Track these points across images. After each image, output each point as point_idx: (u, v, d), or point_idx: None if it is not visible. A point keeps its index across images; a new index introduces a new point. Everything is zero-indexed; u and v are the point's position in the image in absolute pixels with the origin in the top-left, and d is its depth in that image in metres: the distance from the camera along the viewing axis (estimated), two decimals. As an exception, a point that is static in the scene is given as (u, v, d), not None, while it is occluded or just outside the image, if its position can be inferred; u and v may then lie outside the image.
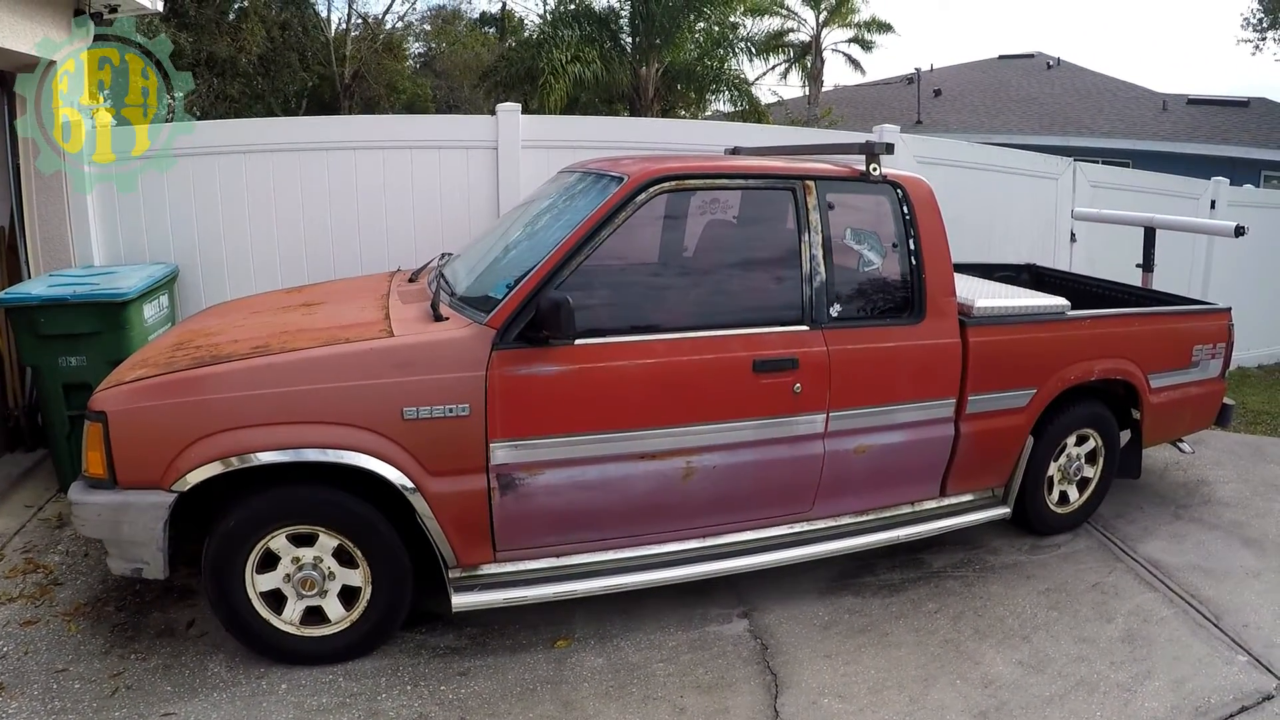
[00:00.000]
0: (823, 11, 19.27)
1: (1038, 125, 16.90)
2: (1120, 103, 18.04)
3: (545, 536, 3.15)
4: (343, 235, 5.37)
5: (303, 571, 2.96)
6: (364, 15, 24.58)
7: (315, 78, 21.65)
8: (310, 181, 5.29)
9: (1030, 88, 19.81)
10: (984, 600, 3.71)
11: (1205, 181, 8.04)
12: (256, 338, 3.13)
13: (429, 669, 3.06)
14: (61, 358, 4.26)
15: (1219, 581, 3.94)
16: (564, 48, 14.70)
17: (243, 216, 5.24)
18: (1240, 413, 6.91)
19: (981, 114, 18.46)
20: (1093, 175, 7.46)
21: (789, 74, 20.66)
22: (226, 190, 5.20)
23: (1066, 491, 4.32)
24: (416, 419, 2.87)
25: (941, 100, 19.77)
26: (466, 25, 27.25)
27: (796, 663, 3.23)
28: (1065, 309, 4.01)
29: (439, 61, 26.43)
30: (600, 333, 3.08)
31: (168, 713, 2.75)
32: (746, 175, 3.44)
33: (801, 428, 3.39)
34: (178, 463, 2.74)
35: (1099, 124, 16.71)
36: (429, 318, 3.14)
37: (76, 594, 3.47)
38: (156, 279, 4.72)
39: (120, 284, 4.37)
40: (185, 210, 5.16)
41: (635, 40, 16.28)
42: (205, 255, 5.23)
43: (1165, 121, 16.76)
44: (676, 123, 7.38)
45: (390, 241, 5.36)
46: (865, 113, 19.37)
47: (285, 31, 19.95)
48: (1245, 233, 5.10)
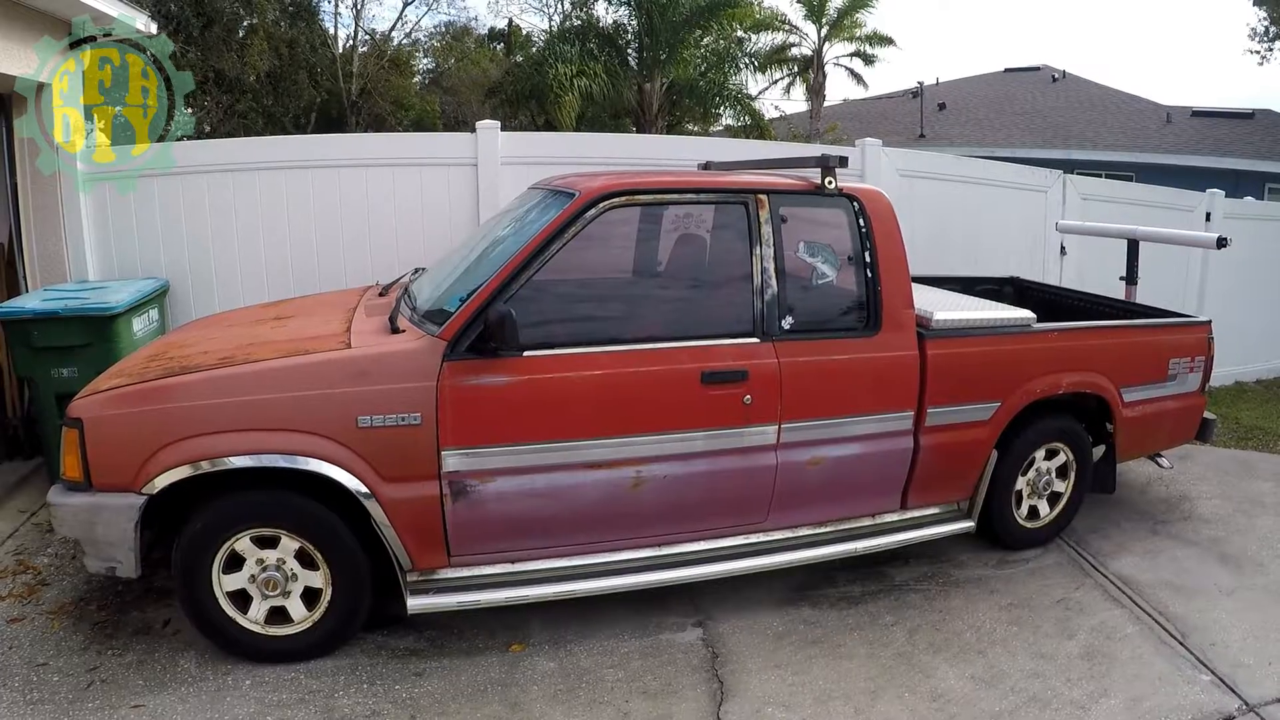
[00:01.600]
0: (824, 25, 19.29)
1: (1041, 139, 16.83)
2: (1124, 115, 17.96)
3: (498, 542, 3.23)
4: (328, 251, 5.50)
5: (266, 572, 3.07)
6: (371, 32, 24.85)
7: (323, 94, 21.88)
8: (296, 199, 5.42)
9: (1035, 101, 19.76)
10: (943, 614, 3.67)
11: (1200, 194, 7.96)
12: (224, 349, 3.26)
13: (386, 669, 3.17)
14: (54, 369, 4.44)
15: (1189, 599, 3.88)
16: (568, 63, 14.80)
17: (231, 233, 5.38)
18: (1233, 428, 6.84)
19: (985, 127, 18.41)
20: (1083, 188, 7.41)
21: (791, 89, 20.77)
22: (215, 208, 5.34)
23: (1036, 506, 4.27)
24: (370, 427, 2.96)
25: (945, 114, 19.75)
26: (475, 41, 27.43)
27: (745, 672, 3.23)
28: (1030, 321, 3.98)
29: (447, 78, 26.64)
30: (549, 345, 3.16)
31: (137, 704, 2.89)
32: (698, 190, 3.47)
33: (752, 439, 3.39)
34: (147, 467, 2.87)
35: (1102, 137, 16.63)
36: (387, 330, 3.26)
37: (62, 594, 3.63)
38: (145, 293, 4.89)
39: (109, 298, 4.54)
40: (176, 227, 5.32)
41: (640, 56, 16.38)
42: (195, 270, 5.38)
43: (1169, 134, 16.66)
44: (654, 138, 7.44)
45: (374, 257, 5.44)
46: (868, 127, 19.35)
47: (293, 49, 20.15)
48: (1227, 244, 5.04)
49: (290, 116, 20.51)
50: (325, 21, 22.36)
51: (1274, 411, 7.49)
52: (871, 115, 21.03)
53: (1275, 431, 6.76)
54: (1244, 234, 7.98)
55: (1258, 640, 3.55)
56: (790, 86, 20.81)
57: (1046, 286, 5.86)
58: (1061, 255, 7.32)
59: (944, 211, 6.75)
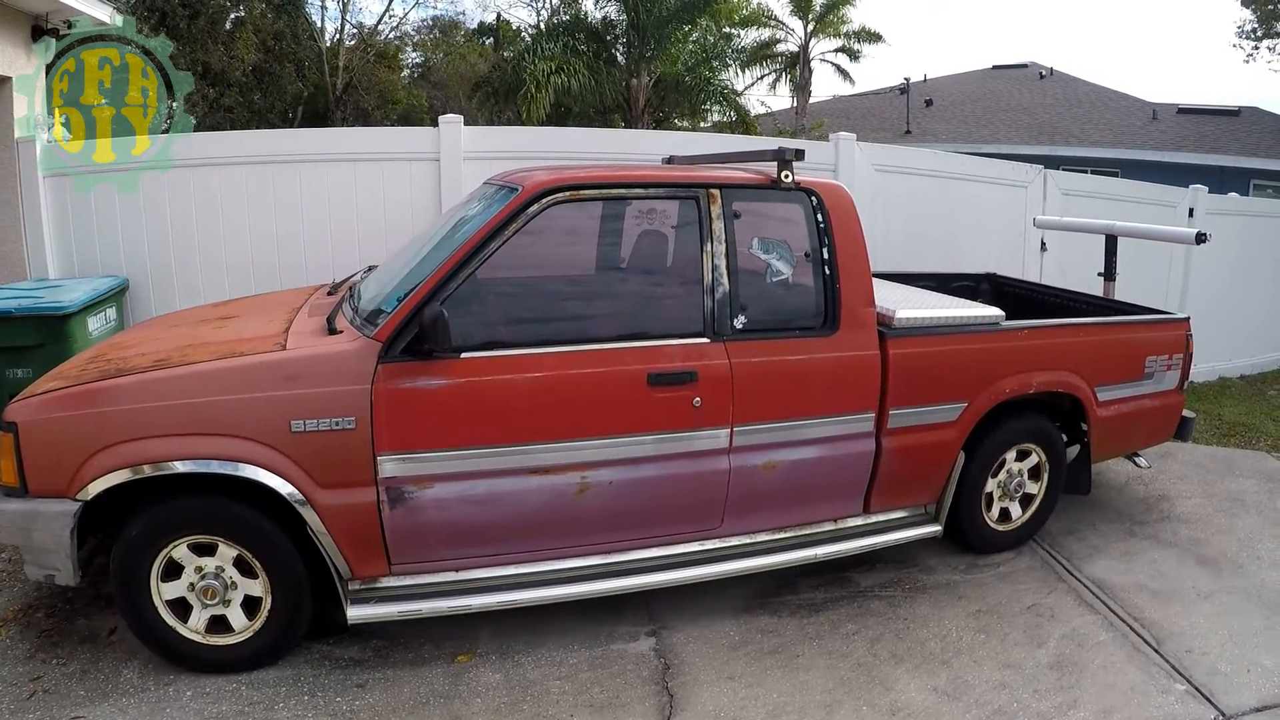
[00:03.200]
0: (811, 21, 19.15)
1: (1027, 135, 16.72)
2: (1110, 112, 17.87)
3: (440, 550, 3.13)
4: (289, 248, 5.40)
5: (205, 580, 2.99)
6: (358, 25, 24.65)
7: (310, 88, 21.68)
8: (256, 195, 5.34)
9: (1022, 98, 19.67)
10: (908, 622, 3.54)
11: (1183, 189, 7.85)
12: (161, 351, 3.17)
13: (329, 680, 3.08)
14: (8, 369, 4.35)
15: (1166, 603, 3.75)
16: (548, 60, 14.66)
17: (191, 230, 5.30)
18: (1216, 424, 6.73)
19: (971, 124, 18.31)
20: (1064, 183, 7.29)
21: (777, 85, 20.59)
22: (175, 204, 5.26)
23: (1008, 508, 4.15)
24: (304, 431, 2.87)
25: (932, 110, 19.64)
26: (464, 35, 27.26)
27: (697, 684, 3.11)
28: (999, 319, 3.85)
29: (435, 72, 26.46)
30: (488, 346, 3.06)
31: (77, 716, 2.83)
32: (646, 184, 3.34)
33: (703, 443, 3.27)
34: (82, 472, 2.79)
35: (1088, 134, 16.53)
36: (324, 331, 3.16)
37: (11, 600, 3.55)
38: (101, 292, 4.80)
39: (63, 298, 4.46)
40: (135, 224, 5.24)
41: (628, 51, 16.25)
42: (155, 268, 5.29)
43: (1155, 131, 16.57)
44: (620, 133, 7.33)
45: (335, 254, 5.33)
46: (855, 123, 19.23)
47: (279, 42, 19.97)
48: (1206, 239, 4.92)
49: (277, 111, 20.33)
50: (312, 14, 22.19)
51: (1257, 408, 7.39)
52: (858, 112, 20.91)
53: (1258, 428, 6.65)
54: (1228, 230, 7.92)
55: (1236, 646, 3.43)
56: (776, 83, 20.67)
57: (1024, 283, 5.74)
58: (1042, 251, 7.20)
59: (921, 207, 6.63)
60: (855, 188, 6.21)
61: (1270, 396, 7.90)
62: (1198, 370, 8.12)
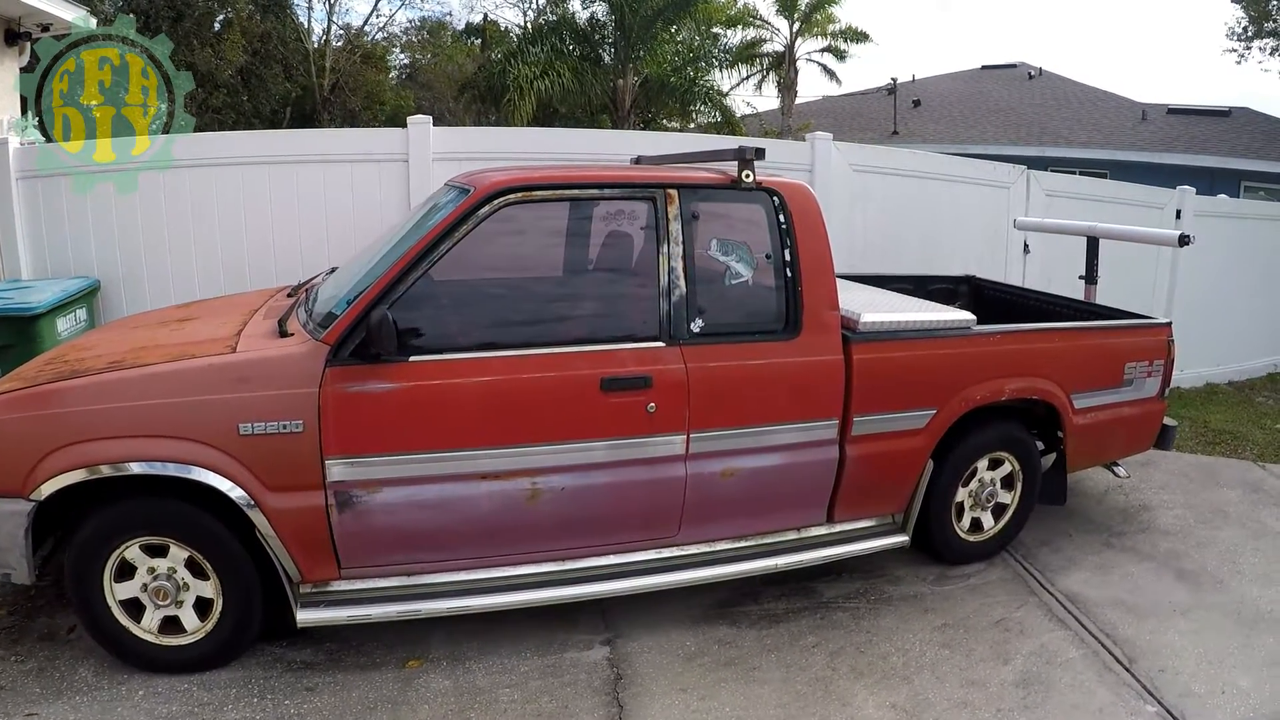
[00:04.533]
0: (796, 21, 19.03)
1: (1015, 135, 16.64)
2: (1099, 113, 17.79)
3: (389, 554, 3.09)
4: (259, 249, 5.37)
5: (157, 581, 2.99)
6: (345, 26, 24.49)
7: (298, 89, 21.53)
8: (225, 197, 5.31)
9: (1010, 98, 19.58)
10: (870, 635, 3.42)
11: (1170, 190, 7.74)
12: (116, 353, 3.16)
13: (279, 683, 3.07)
14: None
15: (1141, 619, 3.63)
16: (532, 65, 14.56)
17: (162, 231, 5.29)
18: (1201, 432, 6.62)
19: (960, 124, 18.22)
20: (1048, 184, 7.18)
21: (763, 85, 20.44)
22: (145, 205, 5.25)
23: (979, 518, 4.02)
24: (252, 434, 2.86)
25: (920, 110, 19.54)
26: (451, 36, 27.11)
27: (648, 695, 3.02)
28: (970, 324, 3.73)
29: (423, 73, 26.32)
30: (437, 350, 3.01)
31: (31, 713, 2.85)
32: (602, 185, 3.25)
33: (658, 449, 3.17)
34: (35, 473, 2.79)
35: (1077, 134, 16.45)
36: (275, 334, 3.14)
37: None
38: (71, 293, 4.82)
39: (31, 298, 4.51)
40: (107, 225, 5.23)
41: (615, 52, 16.13)
42: (127, 269, 5.28)
43: (1144, 131, 16.49)
44: (590, 133, 7.26)
45: (305, 256, 5.27)
46: (842, 123, 19.15)
47: (266, 43, 19.83)
48: (1190, 242, 4.81)
49: (265, 112, 20.17)
50: (299, 15, 22.04)
51: (1244, 415, 7.28)
52: (846, 112, 20.81)
53: (1245, 436, 6.54)
54: (1217, 232, 7.83)
55: (1212, 665, 3.31)
56: (762, 83, 20.53)
57: (1005, 286, 5.63)
58: (1025, 254, 7.09)
59: (900, 208, 6.52)
60: (832, 188, 6.15)
61: (1258, 403, 7.80)
62: (1184, 376, 8.03)
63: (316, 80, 21.43)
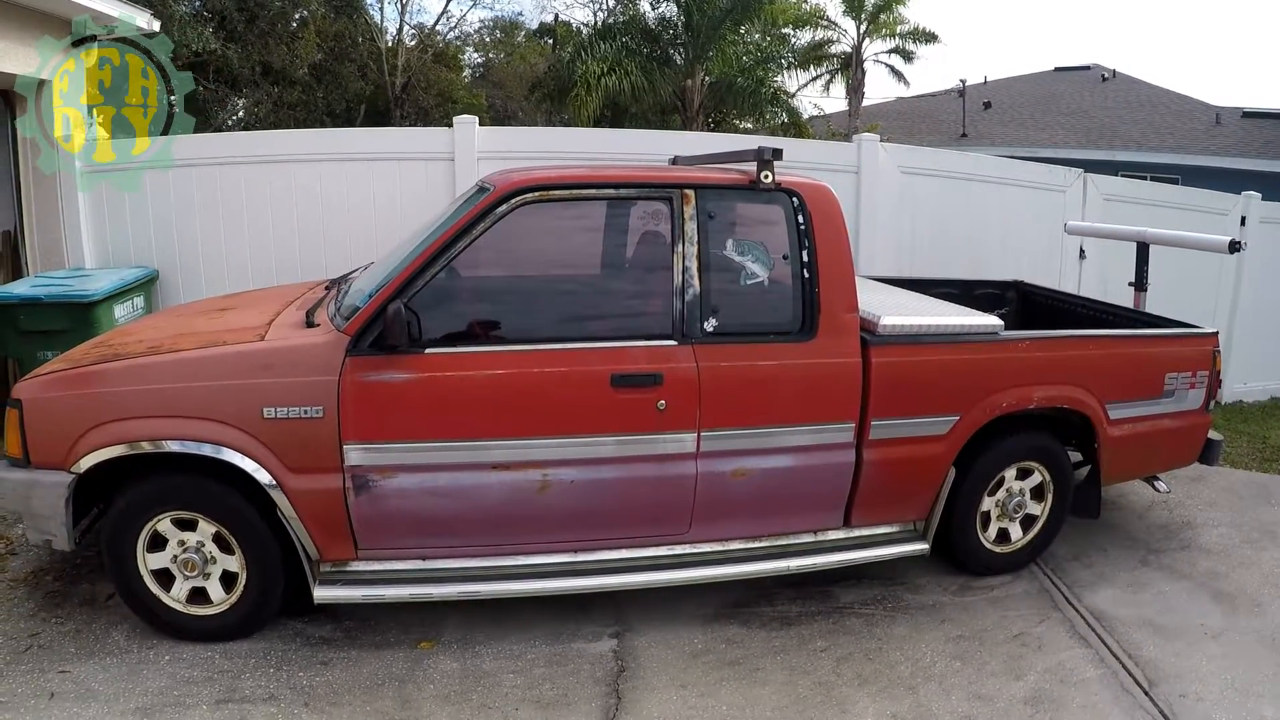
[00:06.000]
0: (864, 21, 18.76)
1: (1085, 139, 16.13)
2: (1172, 116, 17.12)
3: (404, 538, 3.19)
4: (308, 243, 5.62)
5: (186, 553, 3.15)
6: (417, 26, 24.93)
7: (371, 87, 22.01)
8: (280, 192, 5.57)
9: (1082, 101, 18.98)
10: (882, 642, 3.39)
11: (1235, 196, 7.45)
12: (156, 339, 3.35)
13: (296, 656, 3.20)
14: (40, 352, 4.67)
15: (1168, 641, 3.50)
16: (600, 61, 14.61)
17: (217, 224, 5.57)
18: (1259, 448, 6.37)
19: (1029, 127, 17.74)
20: (1105, 188, 6.99)
21: (831, 86, 20.19)
22: (204, 201, 5.54)
23: (1007, 529, 3.94)
24: (275, 418, 2.99)
25: (990, 113, 19.09)
26: (525, 35, 27.40)
27: (648, 689, 3.05)
28: (996, 329, 3.65)
29: (496, 72, 26.67)
30: (452, 343, 3.11)
31: (64, 670, 3.05)
32: (619, 185, 3.29)
33: (668, 446, 3.20)
34: (76, 447, 2.99)
35: (1148, 138, 15.86)
36: (302, 324, 3.29)
37: (26, 564, 3.82)
38: (128, 282, 5.12)
39: (89, 286, 4.80)
40: (166, 218, 5.53)
41: (686, 53, 16.08)
42: (184, 260, 5.59)
43: (1217, 135, 15.81)
44: (632, 133, 7.33)
45: (353, 250, 5.43)
46: (911, 126, 18.83)
47: (339, 42, 20.31)
48: (1241, 248, 4.63)
49: (341, 108, 20.66)
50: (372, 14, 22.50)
51: (1309, 432, 6.96)
52: (914, 114, 20.44)
53: (1306, 454, 6.26)
54: (1284, 239, 7.49)
55: (1238, 694, 3.16)
56: (830, 84, 20.29)
57: (1053, 293, 5.48)
58: (1081, 259, 6.91)
59: (949, 211, 6.42)
60: (879, 189, 6.10)
61: (1326, 420, 7.45)
62: (1248, 389, 7.73)
63: (389, 79, 21.87)
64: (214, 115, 16.25)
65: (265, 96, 17.97)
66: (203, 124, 15.48)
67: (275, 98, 18.26)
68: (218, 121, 16.45)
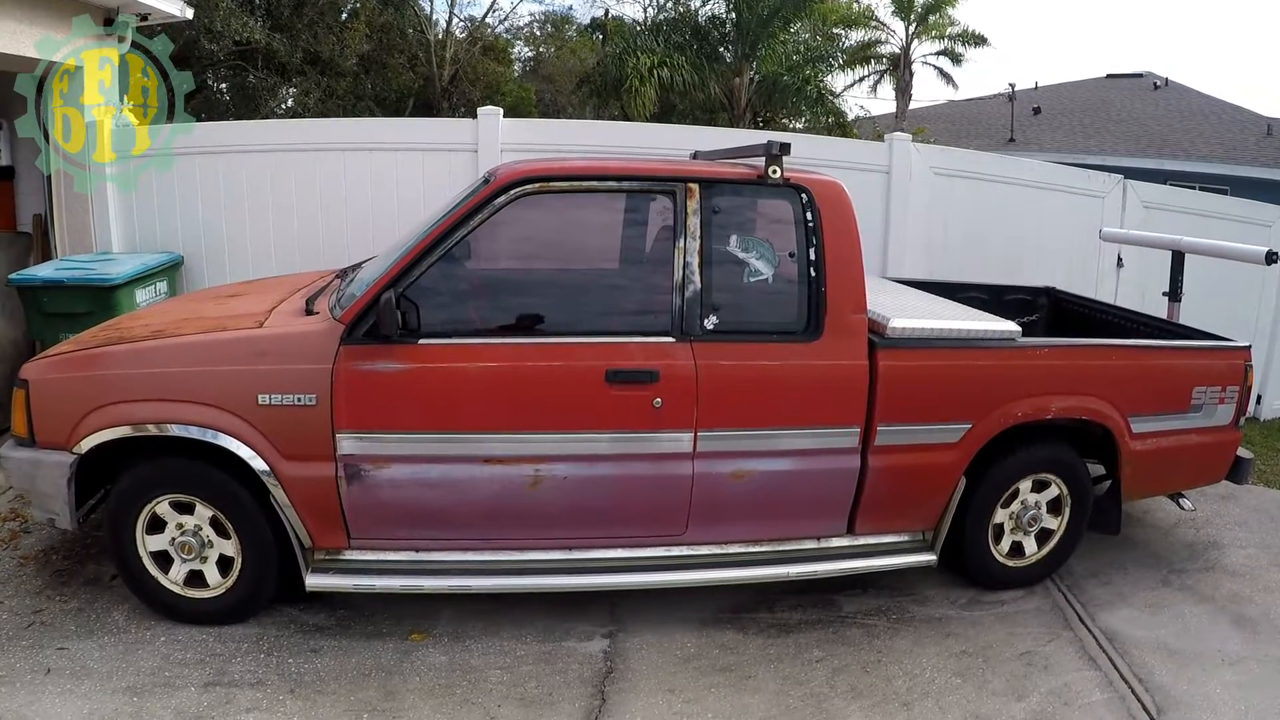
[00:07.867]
0: (912, 22, 18.47)
1: (1135, 147, 15.70)
2: (1222, 126, 16.59)
3: (396, 529, 3.19)
4: (331, 231, 5.65)
5: (184, 536, 3.18)
6: (468, 20, 25.08)
7: (420, 79, 22.19)
8: (304, 180, 5.62)
9: (1133, 108, 18.50)
10: (881, 655, 3.30)
11: (1277, 207, 7.19)
12: (161, 324, 3.38)
13: (288, 642, 3.22)
14: (62, 334, 4.68)
15: (1182, 666, 3.36)
16: (650, 54, 14.56)
17: (242, 211, 5.63)
18: (1302, 469, 6.11)
19: (1078, 134, 17.32)
20: (1145, 195, 6.77)
21: (878, 87, 19.93)
22: (228, 187, 5.60)
23: (1020, 542, 3.81)
24: (269, 405, 3.01)
25: (1040, 118, 18.68)
26: (576, 30, 27.48)
27: (634, 692, 3.00)
28: (1014, 335, 3.54)
29: (545, 66, 26.77)
30: (446, 334, 3.09)
31: (62, 647, 3.11)
32: (621, 177, 3.24)
33: (663, 445, 3.14)
34: (78, 428, 3.03)
35: (1198, 147, 15.39)
36: (301, 312, 3.32)
37: (38, 542, 3.89)
38: (150, 266, 5.19)
39: (111, 270, 4.88)
40: (191, 204, 5.61)
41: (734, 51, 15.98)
42: (209, 246, 5.66)
43: (1268, 146, 15.25)
44: (653, 127, 7.25)
45: (375, 238, 5.44)
46: (958, 129, 18.51)
47: (387, 33, 20.50)
48: (1278, 259, 4.43)
49: (391, 99, 20.86)
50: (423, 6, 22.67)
51: (1355, 454, 6.67)
52: (964, 118, 20.09)
53: (1350, 477, 6.00)
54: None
55: (1252, 726, 3.02)
56: (877, 85, 20.03)
57: (1085, 300, 5.31)
58: (1118, 267, 6.71)
59: (984, 214, 6.28)
60: (911, 190, 5.98)
61: (1374, 442, 7.15)
62: (1296, 407, 7.46)
63: (437, 70, 22.02)
64: (263, 104, 16.46)
65: (314, 86, 18.17)
66: (251, 112, 15.73)
67: (324, 88, 18.48)
68: (266, 110, 16.65)
